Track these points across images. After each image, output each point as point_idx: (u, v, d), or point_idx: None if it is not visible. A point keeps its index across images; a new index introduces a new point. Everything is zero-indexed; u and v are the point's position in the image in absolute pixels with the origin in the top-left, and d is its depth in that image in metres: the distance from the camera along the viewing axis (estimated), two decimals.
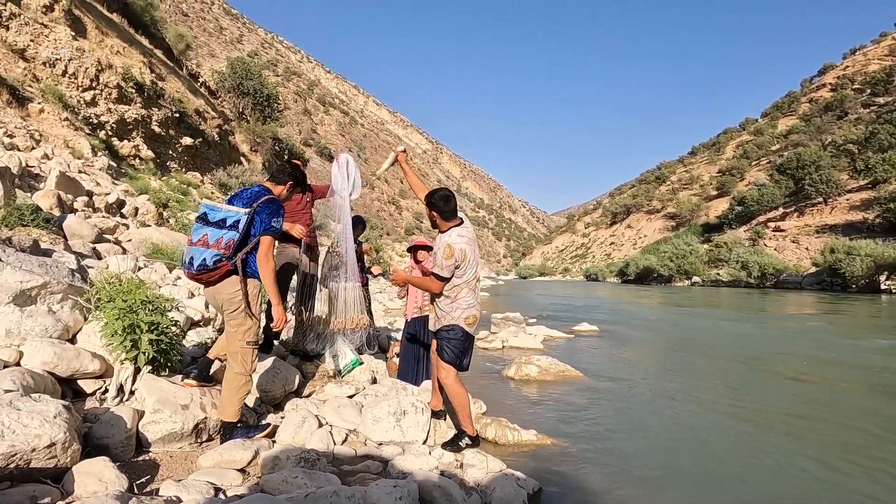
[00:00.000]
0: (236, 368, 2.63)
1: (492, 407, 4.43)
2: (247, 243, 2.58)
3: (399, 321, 8.49)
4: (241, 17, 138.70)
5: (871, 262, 25.02)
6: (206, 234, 2.53)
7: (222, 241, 2.51)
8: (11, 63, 11.84)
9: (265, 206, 2.64)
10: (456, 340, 3.04)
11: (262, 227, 2.61)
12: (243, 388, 2.66)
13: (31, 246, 3.49)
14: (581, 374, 5.95)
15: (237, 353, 2.63)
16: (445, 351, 3.05)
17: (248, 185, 2.93)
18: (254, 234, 2.61)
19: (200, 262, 2.49)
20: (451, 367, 3.06)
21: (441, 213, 3.04)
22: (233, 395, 2.62)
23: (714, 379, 5.93)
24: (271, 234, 2.63)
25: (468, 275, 3.05)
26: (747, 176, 64.03)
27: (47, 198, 5.66)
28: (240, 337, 2.62)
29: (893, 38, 79.10)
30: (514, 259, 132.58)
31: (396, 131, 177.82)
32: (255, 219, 2.61)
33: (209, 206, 2.64)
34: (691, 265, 41.13)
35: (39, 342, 2.44)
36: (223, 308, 2.64)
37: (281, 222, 2.72)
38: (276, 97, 27.50)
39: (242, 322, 2.62)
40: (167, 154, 15.80)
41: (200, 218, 2.62)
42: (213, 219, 2.57)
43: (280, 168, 2.97)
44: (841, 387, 5.47)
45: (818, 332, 9.99)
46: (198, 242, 2.54)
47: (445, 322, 3.08)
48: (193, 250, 2.54)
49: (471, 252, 3.03)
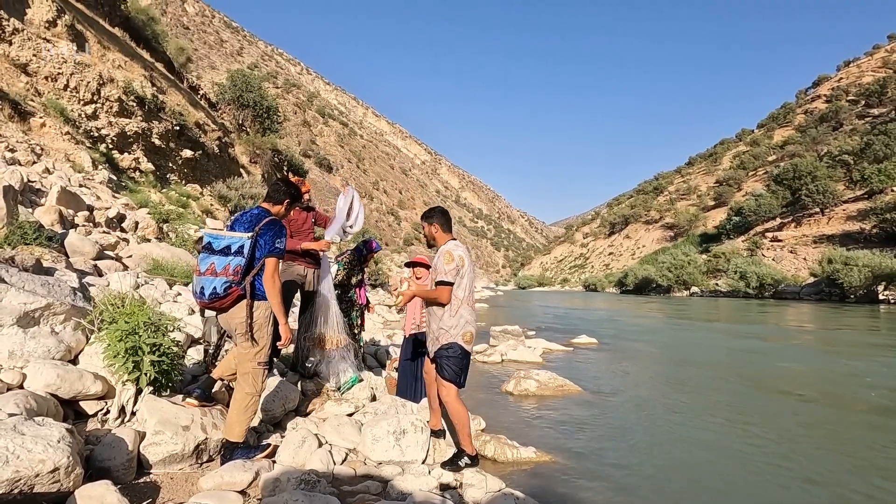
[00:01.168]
0: (247, 388, 2.68)
1: (491, 423, 4.44)
2: (253, 266, 2.65)
3: (398, 334, 8.50)
4: (241, 30, 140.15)
5: (868, 272, 25.13)
6: (213, 263, 2.60)
7: (230, 267, 2.58)
8: (14, 78, 11.95)
9: (267, 228, 2.70)
10: (455, 358, 3.09)
11: (267, 249, 2.67)
12: (251, 408, 2.71)
13: (33, 265, 3.52)
14: (580, 389, 5.96)
15: (248, 374, 2.69)
16: (445, 369, 3.08)
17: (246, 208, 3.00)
18: (259, 256, 2.67)
19: (211, 291, 2.56)
20: (451, 386, 3.09)
21: (442, 227, 3.24)
22: (241, 414, 2.66)
23: (713, 395, 5.93)
24: (276, 255, 2.69)
25: (466, 287, 3.13)
26: (744, 186, 64.45)
27: (49, 214, 5.70)
28: (251, 358, 2.68)
29: (886, 51, 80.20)
30: (513, 269, 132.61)
31: (395, 142, 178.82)
32: (259, 241, 2.67)
33: (212, 235, 2.70)
34: (690, 275, 41.20)
35: (42, 364, 2.47)
36: (236, 331, 2.70)
37: (284, 242, 2.79)
38: (275, 109, 27.70)
39: (254, 344, 2.68)
40: (167, 166, 15.88)
41: (205, 248, 2.68)
42: (218, 247, 2.63)
43: (275, 187, 3.02)
44: (846, 406, 5.48)
45: (817, 346, 10.03)
46: (206, 272, 2.61)
47: (444, 340, 3.11)
48: (203, 280, 2.61)
49: (468, 261, 3.15)
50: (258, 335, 2.69)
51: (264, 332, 2.71)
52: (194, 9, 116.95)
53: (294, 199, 3.06)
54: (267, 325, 2.72)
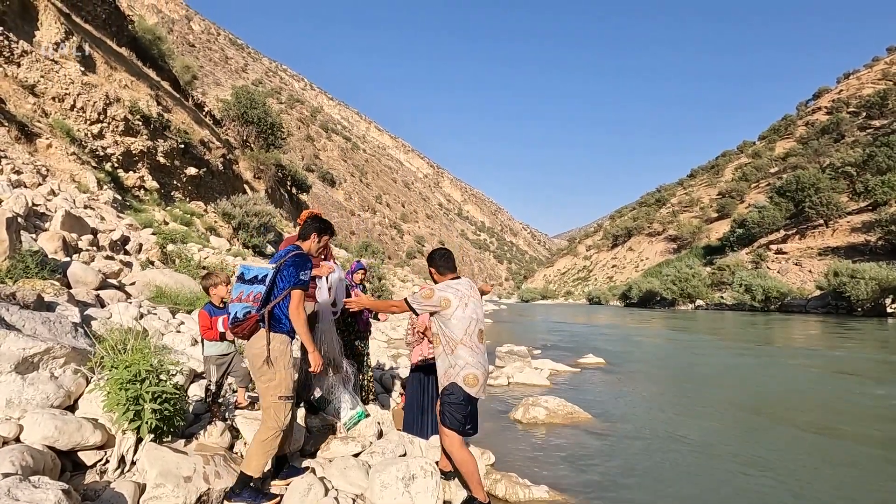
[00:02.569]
0: (269, 423, 2.68)
1: (500, 457, 4.32)
2: (273, 296, 2.72)
3: (403, 356, 8.38)
4: (246, 47, 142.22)
5: (875, 285, 24.88)
6: (242, 291, 2.75)
7: (252, 294, 2.70)
8: (21, 99, 12.04)
9: (291, 260, 2.78)
10: (457, 405, 2.94)
11: (290, 280, 2.73)
12: (272, 442, 2.69)
13: (34, 301, 3.45)
14: (590, 416, 5.83)
15: (270, 409, 2.68)
16: (447, 416, 2.95)
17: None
18: (280, 287, 2.73)
19: (234, 316, 2.70)
20: (454, 434, 2.94)
21: (438, 269, 3.21)
22: (260, 448, 2.65)
23: (723, 422, 5.80)
24: (300, 287, 2.76)
25: (457, 328, 2.97)
26: (747, 198, 64.39)
27: (52, 241, 5.66)
28: (272, 392, 2.68)
29: (886, 63, 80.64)
30: (516, 282, 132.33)
31: (398, 156, 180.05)
32: (282, 272, 2.75)
33: (245, 267, 2.86)
34: (694, 288, 40.93)
35: (41, 415, 2.38)
36: (253, 364, 2.72)
37: (308, 275, 2.84)
38: (279, 125, 27.93)
39: (272, 377, 2.68)
40: (171, 184, 15.93)
41: (239, 278, 2.83)
42: (248, 277, 2.78)
43: (304, 225, 3.13)
44: (859, 436, 5.33)
45: (831, 368, 9.85)
46: (235, 299, 2.76)
47: (445, 382, 3.00)
48: (232, 307, 2.76)
49: (457, 302, 2.99)
50: (275, 367, 2.69)
51: (282, 365, 2.72)
52: (200, 27, 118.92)
53: (321, 232, 3.13)
54: (283, 358, 2.74)
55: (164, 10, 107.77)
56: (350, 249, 36.01)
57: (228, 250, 12.73)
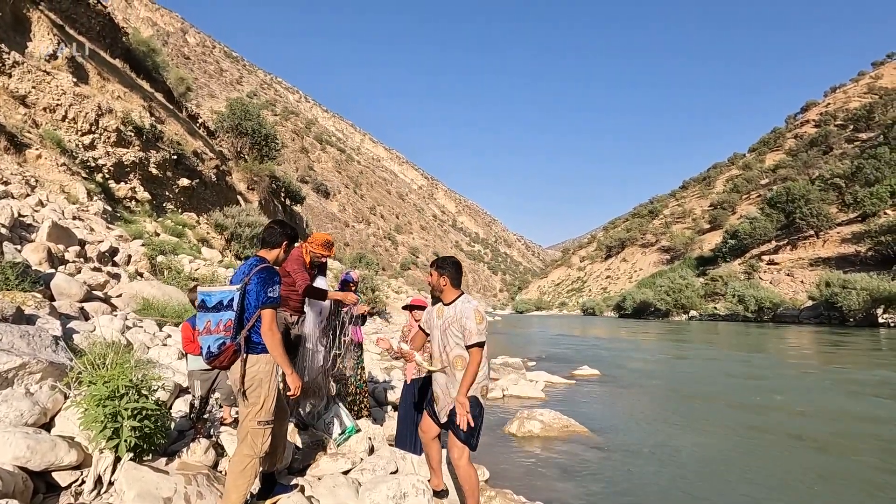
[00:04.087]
0: (245, 450, 2.50)
1: (495, 472, 4.23)
2: (245, 320, 2.50)
3: (396, 369, 8.25)
4: (241, 60, 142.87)
5: (867, 295, 25.05)
6: (209, 321, 2.49)
7: (221, 323, 2.45)
8: (12, 110, 11.94)
9: (255, 278, 2.52)
10: (475, 418, 2.91)
11: (259, 300, 2.50)
12: (250, 471, 2.49)
13: (13, 314, 3.34)
14: (586, 430, 5.74)
15: (248, 434, 2.51)
16: (461, 430, 2.86)
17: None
18: (249, 308, 2.50)
19: (207, 350, 2.45)
20: (465, 448, 2.89)
21: (452, 281, 3.03)
22: (238, 478, 2.46)
23: (720, 435, 5.73)
24: (270, 305, 2.51)
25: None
26: (738, 209, 65.00)
27: (37, 252, 5.54)
28: (251, 417, 2.50)
29: (871, 77, 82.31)
30: (511, 293, 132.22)
31: (392, 168, 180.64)
32: (249, 292, 2.50)
33: (205, 293, 2.55)
34: (688, 299, 41.05)
35: (12, 433, 2.27)
36: (236, 387, 2.55)
37: (277, 290, 2.58)
38: (273, 136, 27.88)
39: (256, 401, 2.51)
40: (163, 195, 15.79)
41: (200, 306, 2.55)
42: (211, 304, 2.50)
43: (269, 231, 2.81)
44: (857, 448, 5.28)
45: (824, 377, 9.83)
46: (203, 331, 2.50)
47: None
48: (202, 339, 2.50)
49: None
50: (256, 392, 2.51)
51: (264, 389, 2.52)
52: (195, 39, 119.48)
53: (292, 240, 2.86)
54: (268, 380, 2.54)
55: (159, 22, 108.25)
56: (344, 261, 35.87)
57: (220, 261, 12.59)
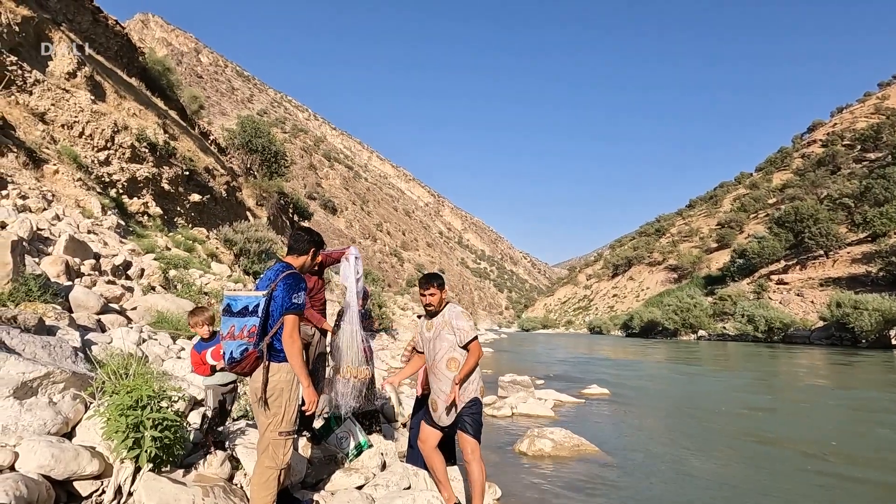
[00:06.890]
0: (267, 462, 2.47)
1: (507, 491, 4.18)
2: (269, 327, 2.49)
3: (405, 383, 8.22)
4: (252, 79, 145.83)
5: (879, 316, 24.68)
6: (233, 326, 2.47)
7: (245, 328, 2.44)
8: (31, 126, 12.24)
9: (282, 283, 2.51)
10: (478, 415, 3.26)
11: (283, 306, 2.49)
12: (272, 483, 2.46)
13: (36, 324, 3.41)
14: (597, 449, 5.67)
15: (268, 446, 2.49)
16: (470, 426, 3.18)
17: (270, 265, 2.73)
18: (274, 314, 2.49)
19: (230, 356, 2.46)
20: (476, 442, 3.17)
21: (442, 290, 3.41)
22: (261, 490, 2.44)
23: (731, 455, 5.65)
24: (294, 312, 2.49)
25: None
26: (746, 229, 64.69)
27: (55, 265, 5.64)
28: (272, 428, 2.48)
29: (878, 98, 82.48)
30: (516, 311, 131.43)
31: (399, 185, 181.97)
32: (274, 297, 2.49)
33: (231, 297, 2.55)
34: (696, 318, 40.61)
35: (37, 442, 2.30)
36: (255, 397, 2.53)
37: (302, 297, 2.57)
38: (283, 153, 28.29)
39: (277, 411, 2.48)
40: (175, 210, 16.02)
41: (225, 310, 2.54)
42: (236, 308, 2.48)
43: (296, 238, 2.81)
44: (877, 473, 5.18)
45: (840, 400, 9.67)
46: (227, 336, 2.48)
47: (466, 398, 3.24)
48: (225, 344, 2.50)
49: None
50: (278, 402, 2.48)
51: (285, 398, 2.50)
52: (208, 59, 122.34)
53: (319, 246, 2.91)
54: (289, 389, 2.51)
55: (174, 43, 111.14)
56: None
57: (229, 276, 12.68)
